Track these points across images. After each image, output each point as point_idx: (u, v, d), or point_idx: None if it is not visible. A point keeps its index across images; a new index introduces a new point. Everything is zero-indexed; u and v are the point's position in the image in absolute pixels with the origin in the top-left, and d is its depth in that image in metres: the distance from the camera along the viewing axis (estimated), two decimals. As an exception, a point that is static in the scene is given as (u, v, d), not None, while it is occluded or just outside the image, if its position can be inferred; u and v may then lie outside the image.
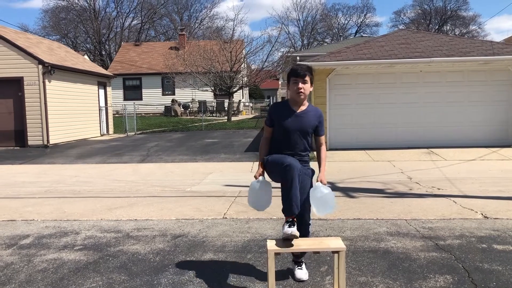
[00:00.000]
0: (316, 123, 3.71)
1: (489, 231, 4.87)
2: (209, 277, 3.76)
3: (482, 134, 12.21)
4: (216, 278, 3.74)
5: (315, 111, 3.75)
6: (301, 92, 3.59)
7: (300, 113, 3.67)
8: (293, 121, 3.64)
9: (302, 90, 3.59)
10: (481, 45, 12.63)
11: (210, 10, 60.60)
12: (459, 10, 60.58)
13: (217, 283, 3.65)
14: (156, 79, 32.84)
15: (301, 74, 3.59)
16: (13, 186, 8.46)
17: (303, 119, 3.65)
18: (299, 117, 3.65)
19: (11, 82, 14.68)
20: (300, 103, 3.68)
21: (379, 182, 7.98)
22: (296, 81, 3.60)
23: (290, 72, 3.67)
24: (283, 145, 3.67)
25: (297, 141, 3.66)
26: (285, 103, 3.75)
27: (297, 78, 3.60)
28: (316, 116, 3.72)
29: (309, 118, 3.67)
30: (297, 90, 3.59)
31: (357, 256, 4.15)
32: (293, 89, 3.64)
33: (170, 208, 6.31)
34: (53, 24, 53.05)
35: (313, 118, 3.69)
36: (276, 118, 3.68)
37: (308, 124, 3.66)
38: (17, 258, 4.32)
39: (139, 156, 12.41)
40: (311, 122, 3.68)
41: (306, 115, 3.67)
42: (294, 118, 3.65)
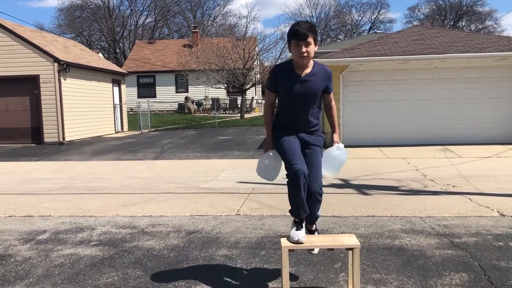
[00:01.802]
0: (325, 85, 3.37)
1: (506, 229, 4.81)
2: (223, 273, 3.78)
3: (498, 131, 12.05)
4: (230, 274, 3.76)
5: (323, 71, 3.37)
6: (304, 56, 3.20)
7: (305, 77, 3.30)
8: (299, 87, 3.29)
9: (306, 54, 3.19)
10: (497, 41, 12.45)
11: (223, 8, 60.76)
12: (474, 6, 59.68)
13: (231, 279, 3.67)
14: (170, 77, 33.01)
15: (303, 36, 3.16)
16: (30, 182, 8.59)
17: (310, 84, 3.31)
18: (305, 82, 3.30)
19: (28, 80, 14.90)
20: (305, 66, 3.30)
21: (393, 179, 7.93)
22: (298, 44, 3.19)
23: (290, 33, 3.24)
24: (291, 112, 3.38)
25: (305, 107, 3.35)
26: (289, 65, 3.35)
27: (299, 41, 3.18)
28: (325, 78, 3.36)
29: (316, 82, 3.32)
30: (300, 55, 3.20)
31: (371, 253, 4.14)
32: (295, 53, 3.24)
33: (184, 204, 6.35)
34: (68, 23, 53.62)
35: (321, 81, 3.34)
36: (279, 82, 3.35)
37: (315, 88, 3.32)
38: (35, 253, 4.39)
39: (153, 153, 12.50)
40: (319, 85, 3.34)
41: (313, 78, 3.32)
42: (300, 84, 3.29)
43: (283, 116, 3.45)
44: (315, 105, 3.40)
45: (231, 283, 3.59)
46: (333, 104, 3.54)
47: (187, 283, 3.57)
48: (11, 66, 14.87)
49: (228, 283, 3.60)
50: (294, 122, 3.41)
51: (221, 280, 3.64)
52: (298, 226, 3.34)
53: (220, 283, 3.59)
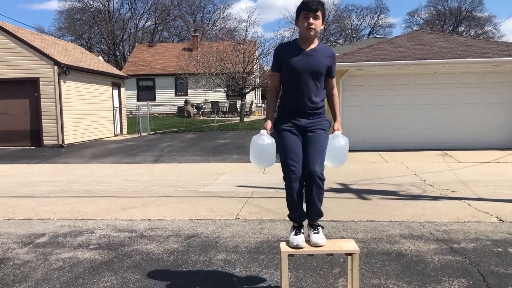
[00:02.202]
0: (329, 63, 3.33)
1: (505, 234, 4.81)
2: (222, 277, 3.78)
3: (498, 136, 12.07)
4: (229, 279, 3.76)
5: (327, 49, 3.38)
6: (311, 28, 3.21)
7: (310, 51, 3.29)
8: (303, 61, 3.26)
9: (313, 26, 3.21)
10: (496, 46, 12.49)
11: (223, 12, 60.80)
12: (474, 11, 59.88)
13: (230, 283, 3.67)
14: (169, 80, 33.04)
15: (313, 8, 3.20)
16: (29, 185, 8.58)
17: (314, 58, 3.28)
18: (309, 56, 3.27)
19: (28, 83, 14.91)
20: (311, 40, 3.29)
21: (392, 184, 7.93)
22: (307, 15, 3.21)
23: (301, 5, 3.26)
24: (295, 92, 3.31)
25: (309, 84, 3.28)
26: (293, 42, 3.38)
27: (308, 13, 3.21)
28: (329, 56, 3.34)
29: (320, 57, 3.30)
30: (308, 26, 3.21)
31: (370, 258, 4.14)
32: (302, 25, 3.25)
33: (183, 208, 6.35)
34: (68, 25, 53.72)
35: (325, 57, 3.31)
36: (283, 59, 3.31)
37: (320, 63, 3.28)
38: (34, 256, 4.39)
39: (153, 156, 12.50)
40: (324, 61, 3.30)
41: (318, 53, 3.30)
42: (304, 57, 3.27)
43: (287, 99, 3.39)
44: (320, 84, 3.34)
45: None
46: (335, 91, 3.51)
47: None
48: (11, 69, 14.88)
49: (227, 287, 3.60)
50: (299, 103, 3.32)
51: (220, 285, 3.64)
52: (297, 231, 3.33)
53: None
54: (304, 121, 3.33)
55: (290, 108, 3.36)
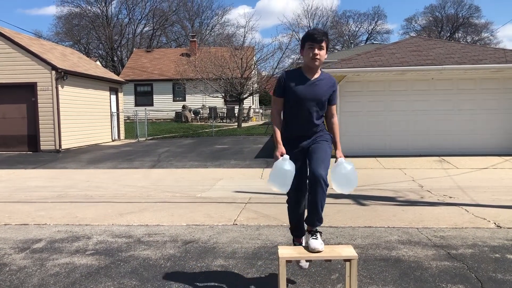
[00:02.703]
0: (330, 92, 3.51)
1: (502, 240, 4.81)
2: (220, 283, 3.76)
3: (495, 143, 12.10)
4: (227, 284, 3.75)
5: (329, 78, 3.55)
6: (316, 59, 3.38)
7: (314, 80, 3.47)
8: (307, 89, 3.43)
9: (318, 56, 3.38)
10: (493, 53, 12.55)
11: (221, 17, 60.92)
12: (471, 18, 60.27)
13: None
14: (167, 85, 33.05)
15: (318, 39, 3.36)
16: (26, 190, 8.55)
17: (318, 87, 3.46)
18: (313, 85, 3.45)
19: (25, 88, 14.89)
20: (315, 70, 3.48)
21: (390, 190, 7.93)
22: (312, 46, 3.38)
23: (306, 36, 3.42)
24: (298, 118, 3.48)
25: (312, 111, 3.45)
26: (298, 70, 3.54)
27: (313, 43, 3.37)
28: (331, 84, 3.53)
29: (323, 86, 3.48)
30: (313, 56, 3.37)
31: (368, 264, 4.13)
32: (308, 55, 3.41)
33: (180, 214, 6.33)
34: (66, 31, 53.74)
35: (327, 86, 3.50)
36: (288, 86, 3.45)
37: (323, 92, 3.46)
38: (30, 262, 4.36)
39: (150, 161, 12.48)
40: (326, 90, 3.49)
41: (321, 83, 3.48)
42: (308, 86, 3.44)
43: (290, 125, 3.52)
44: (321, 111, 3.51)
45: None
46: (336, 120, 3.63)
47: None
48: (8, 74, 14.86)
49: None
50: (301, 128, 3.49)
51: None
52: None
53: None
54: (305, 143, 3.52)
55: (292, 133, 3.52)
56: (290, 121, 3.52)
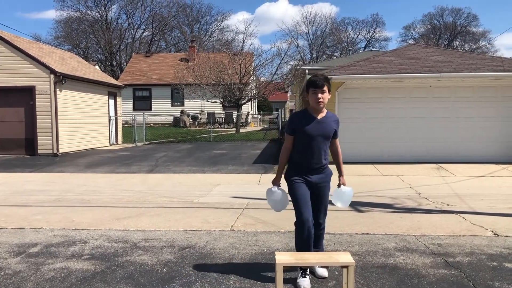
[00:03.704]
0: (335, 127, 4.00)
1: (500, 249, 4.81)
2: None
3: (492, 150, 12.12)
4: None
5: (333, 116, 4.03)
6: (320, 102, 3.85)
7: (321, 119, 3.92)
8: (316, 127, 3.88)
9: (321, 99, 3.84)
10: (491, 61, 12.60)
11: (221, 23, 60.96)
12: (469, 26, 60.62)
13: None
14: (166, 90, 33.06)
15: (320, 85, 3.84)
16: (22, 194, 8.51)
17: (325, 125, 3.92)
18: (321, 123, 3.91)
19: (23, 91, 14.86)
20: (320, 111, 3.93)
21: (387, 196, 7.93)
22: (315, 91, 3.85)
23: (309, 83, 3.90)
24: (306, 152, 3.91)
25: (320, 146, 3.91)
26: (305, 111, 3.98)
27: (316, 89, 3.84)
28: (335, 122, 4.01)
29: (329, 124, 3.94)
30: (317, 100, 3.84)
31: (366, 272, 4.12)
32: (312, 99, 3.88)
33: (177, 219, 6.31)
34: (66, 34, 53.78)
35: (332, 124, 3.97)
36: (298, 126, 3.91)
37: (329, 129, 3.93)
38: (25, 266, 4.33)
39: (148, 166, 12.46)
40: (331, 127, 3.96)
41: (327, 121, 3.94)
42: (317, 125, 3.90)
43: (299, 157, 3.96)
44: (327, 146, 3.99)
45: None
46: (339, 150, 4.17)
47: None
48: (7, 77, 14.84)
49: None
50: (310, 161, 3.92)
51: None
52: (303, 274, 3.75)
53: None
54: (313, 178, 3.96)
55: (301, 165, 3.96)
56: (299, 155, 3.95)
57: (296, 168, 3.98)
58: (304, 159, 3.93)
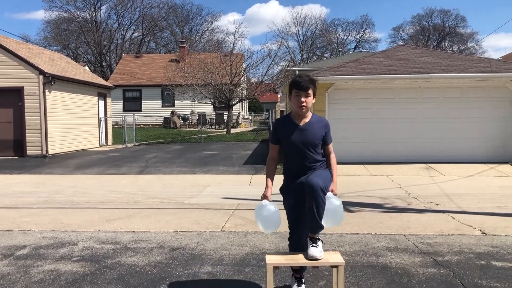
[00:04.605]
0: (322, 134, 3.51)
1: (488, 247, 4.86)
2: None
3: (481, 150, 12.24)
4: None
5: (320, 121, 3.55)
6: (303, 106, 3.40)
7: (303, 126, 3.48)
8: (298, 136, 3.46)
9: (304, 104, 3.40)
10: (479, 62, 12.73)
11: (211, 24, 60.75)
12: (457, 27, 61.18)
13: (215, 296, 3.63)
14: (156, 91, 32.94)
15: (304, 87, 3.39)
16: (11, 196, 8.43)
17: (308, 132, 3.47)
18: (303, 131, 3.47)
19: (12, 92, 14.72)
20: (303, 116, 3.49)
21: (377, 196, 7.97)
22: (299, 94, 3.41)
23: (292, 84, 3.46)
24: (294, 160, 3.53)
25: (305, 155, 3.48)
26: (287, 117, 3.58)
27: (300, 91, 3.40)
28: (322, 126, 3.52)
29: (314, 130, 3.48)
30: (299, 104, 3.40)
31: (356, 271, 4.14)
32: (295, 103, 3.44)
33: (168, 220, 6.29)
34: (55, 35, 53.34)
35: (318, 129, 3.50)
36: (281, 134, 3.52)
37: (313, 136, 3.47)
38: (14, 268, 4.29)
39: (138, 167, 12.40)
40: (317, 133, 3.49)
41: (311, 127, 3.49)
42: (298, 132, 3.47)
43: (289, 163, 3.60)
44: (316, 153, 3.53)
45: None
46: (333, 156, 3.65)
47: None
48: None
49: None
50: (298, 169, 3.53)
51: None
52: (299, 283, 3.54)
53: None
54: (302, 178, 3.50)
55: (292, 170, 3.58)
56: (289, 161, 3.59)
57: (288, 173, 3.62)
58: (294, 165, 3.55)
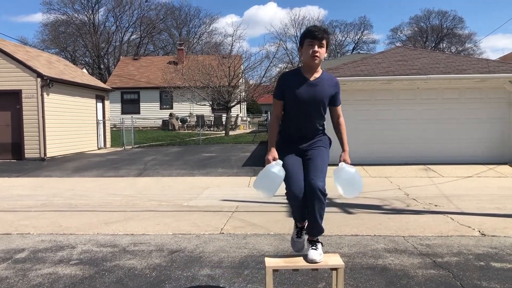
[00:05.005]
0: (333, 92, 3.30)
1: (487, 248, 4.86)
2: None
3: (479, 151, 12.25)
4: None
5: (330, 79, 3.34)
6: (316, 57, 3.17)
7: (314, 81, 3.25)
8: (307, 90, 3.23)
9: (318, 54, 3.17)
10: (477, 63, 12.76)
11: (209, 26, 60.73)
12: (455, 28, 61.28)
13: (214, 299, 3.62)
14: (154, 93, 32.93)
15: (319, 36, 3.16)
16: (9, 199, 8.41)
17: (318, 88, 3.25)
18: (313, 86, 3.25)
19: (10, 95, 14.70)
20: (315, 69, 3.26)
21: (376, 198, 7.97)
22: (312, 43, 3.17)
23: (306, 33, 3.23)
24: (297, 120, 3.30)
25: (313, 113, 3.27)
26: (297, 70, 3.33)
27: (314, 40, 3.17)
28: (332, 85, 3.31)
29: (324, 87, 3.27)
30: (313, 54, 3.17)
31: (355, 273, 4.13)
32: (307, 53, 3.20)
33: (166, 222, 6.28)
34: (53, 38, 53.26)
35: (329, 87, 3.29)
36: (286, 88, 3.26)
37: (323, 93, 3.26)
38: (12, 272, 4.28)
39: (136, 170, 12.38)
40: (328, 91, 3.28)
41: (322, 83, 3.27)
42: (308, 87, 3.24)
43: (289, 126, 3.37)
44: (323, 113, 3.33)
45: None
46: (342, 120, 3.45)
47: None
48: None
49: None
50: (300, 131, 3.33)
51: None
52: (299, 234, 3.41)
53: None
54: (304, 145, 3.34)
55: (291, 135, 3.36)
56: (289, 123, 3.36)
57: (285, 138, 3.38)
58: (294, 128, 3.33)
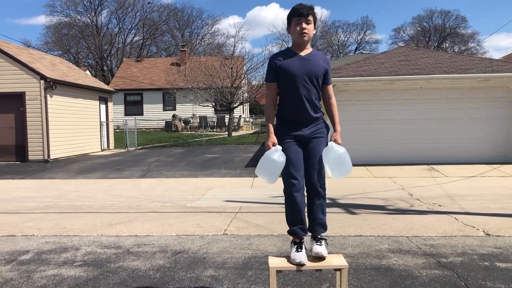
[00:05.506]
0: (325, 67, 3.33)
1: (491, 248, 4.84)
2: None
3: (483, 151, 12.21)
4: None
5: (321, 54, 3.43)
6: (305, 33, 3.25)
7: (306, 55, 3.30)
8: (301, 65, 3.26)
9: (306, 30, 3.25)
10: (480, 63, 12.72)
11: (211, 27, 60.79)
12: (458, 28, 61.15)
13: (218, 300, 3.61)
14: (157, 95, 32.99)
15: (305, 13, 3.24)
16: (13, 201, 8.43)
17: (312, 62, 3.28)
18: (306, 60, 3.28)
19: (13, 97, 14.76)
20: (304, 46, 3.32)
21: (380, 198, 7.96)
22: (299, 21, 3.25)
23: (292, 12, 3.30)
24: (295, 98, 3.27)
25: (309, 88, 3.27)
26: (286, 50, 3.39)
27: (300, 18, 3.25)
28: (324, 59, 3.38)
29: (318, 61, 3.32)
30: (301, 31, 3.24)
31: (359, 274, 4.12)
32: (295, 31, 3.28)
33: (170, 224, 6.28)
34: (56, 40, 53.46)
35: (321, 61, 3.33)
36: (279, 67, 3.27)
37: (317, 67, 3.29)
38: (17, 274, 4.29)
39: (140, 171, 12.40)
40: (321, 64, 3.32)
41: (314, 58, 3.31)
42: (302, 62, 3.27)
43: (287, 107, 3.33)
44: (318, 89, 3.33)
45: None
46: (334, 101, 3.47)
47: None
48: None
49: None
50: (299, 109, 3.29)
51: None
52: (298, 248, 3.24)
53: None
54: (305, 131, 3.32)
55: (290, 117, 3.33)
56: (287, 105, 3.33)
57: (285, 122, 3.34)
58: (293, 108, 3.29)
